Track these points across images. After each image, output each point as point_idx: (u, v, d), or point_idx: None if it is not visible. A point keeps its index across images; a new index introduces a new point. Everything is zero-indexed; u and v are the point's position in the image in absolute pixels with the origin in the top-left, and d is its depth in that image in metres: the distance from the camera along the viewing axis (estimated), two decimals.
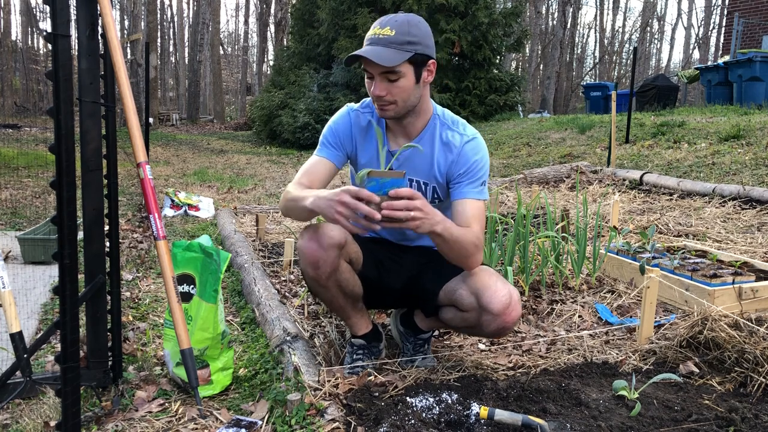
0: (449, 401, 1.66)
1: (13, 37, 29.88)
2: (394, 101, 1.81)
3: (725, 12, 18.80)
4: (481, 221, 1.87)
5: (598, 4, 35.85)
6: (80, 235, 1.82)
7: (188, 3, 37.41)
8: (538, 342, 2.31)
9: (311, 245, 1.81)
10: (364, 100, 2.02)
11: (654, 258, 2.98)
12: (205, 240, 2.06)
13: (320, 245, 1.80)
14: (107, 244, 1.87)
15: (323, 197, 1.64)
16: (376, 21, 1.81)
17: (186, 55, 35.80)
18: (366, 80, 1.83)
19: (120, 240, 2.43)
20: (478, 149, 1.92)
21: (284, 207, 1.88)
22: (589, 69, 37.25)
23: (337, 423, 1.61)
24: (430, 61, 1.82)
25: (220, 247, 3.78)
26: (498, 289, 1.79)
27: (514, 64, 30.60)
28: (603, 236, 3.99)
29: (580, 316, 2.60)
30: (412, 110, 1.87)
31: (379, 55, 1.71)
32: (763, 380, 1.82)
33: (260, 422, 1.70)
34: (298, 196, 1.78)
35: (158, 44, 28.93)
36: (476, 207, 1.87)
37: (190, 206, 5.31)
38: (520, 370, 2.05)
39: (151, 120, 11.11)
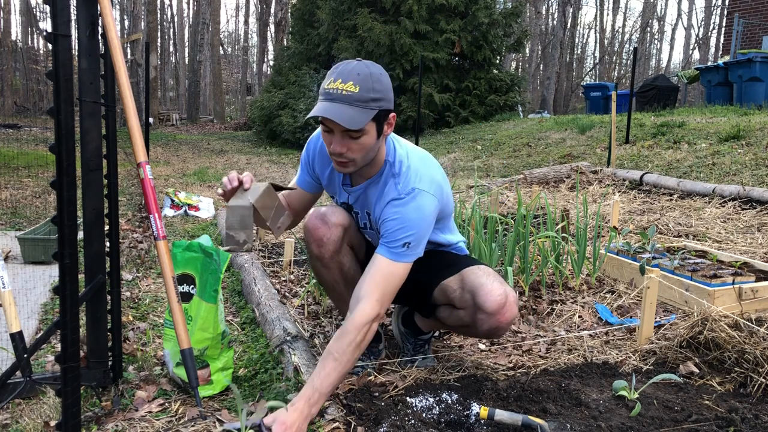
0: (449, 401, 1.66)
1: (13, 37, 29.88)
2: (353, 159, 1.73)
3: (725, 12, 18.80)
4: (385, 289, 1.71)
5: (598, 4, 35.86)
6: (80, 235, 1.82)
7: (188, 3, 37.43)
8: (538, 342, 2.31)
9: (316, 222, 1.89)
10: None
11: (654, 258, 2.98)
12: (205, 240, 2.06)
13: (325, 222, 1.88)
14: (107, 244, 1.87)
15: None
16: (334, 70, 1.69)
17: (186, 55, 35.81)
18: (323, 133, 1.74)
19: (120, 240, 2.43)
20: (404, 207, 1.74)
21: None
22: (589, 69, 37.26)
23: (337, 423, 1.61)
24: (391, 114, 1.74)
25: (220, 248, 3.77)
26: (494, 289, 1.78)
27: (514, 65, 30.60)
28: (603, 236, 3.99)
29: (580, 317, 2.60)
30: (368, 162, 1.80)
31: (344, 116, 1.62)
32: (763, 380, 1.82)
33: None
34: None
35: (158, 44, 28.93)
36: (385, 269, 1.72)
37: (190, 206, 5.31)
38: (520, 370, 2.05)
39: (151, 120, 11.11)
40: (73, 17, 1.58)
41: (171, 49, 39.19)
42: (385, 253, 1.74)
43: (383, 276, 1.72)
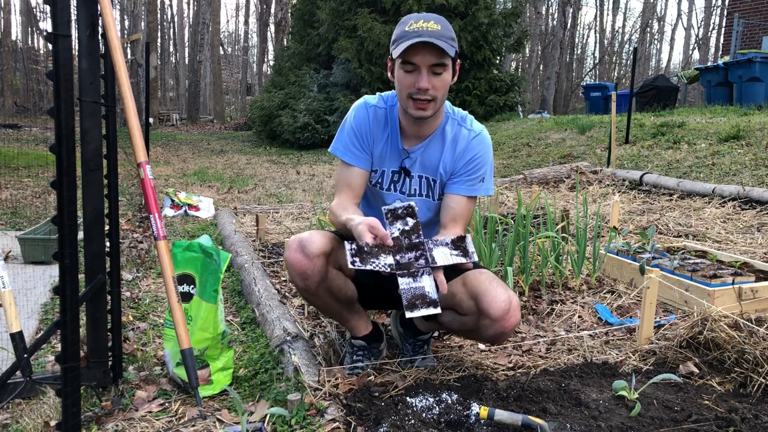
0: (449, 401, 1.66)
1: (13, 37, 29.87)
2: (434, 97, 1.81)
3: (725, 12, 18.81)
4: (466, 219, 1.95)
5: (598, 4, 35.85)
6: (80, 235, 1.82)
7: (188, 3, 37.44)
8: (538, 342, 2.31)
9: (297, 256, 1.80)
10: (380, 94, 2.01)
11: (654, 258, 2.98)
12: (205, 240, 2.06)
13: (306, 255, 1.79)
14: (107, 244, 1.87)
15: (357, 233, 1.71)
16: (406, 20, 1.81)
17: (186, 55, 35.83)
18: (404, 74, 1.81)
19: (120, 240, 2.43)
20: (481, 144, 1.97)
21: (336, 227, 1.93)
22: (589, 69, 37.26)
23: (337, 423, 1.61)
24: (458, 60, 1.86)
25: (220, 247, 3.78)
26: (498, 294, 1.76)
27: (514, 65, 30.57)
28: (603, 236, 3.99)
29: (580, 317, 2.60)
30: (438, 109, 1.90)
31: (440, 43, 1.73)
32: (763, 381, 1.82)
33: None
34: (346, 222, 1.80)
35: (158, 44, 28.93)
36: (465, 205, 1.94)
37: (190, 206, 5.31)
38: (520, 371, 2.05)
39: (151, 120, 11.11)
40: (73, 17, 1.58)
41: (171, 49, 39.20)
42: (463, 191, 1.94)
43: (461, 211, 1.91)
